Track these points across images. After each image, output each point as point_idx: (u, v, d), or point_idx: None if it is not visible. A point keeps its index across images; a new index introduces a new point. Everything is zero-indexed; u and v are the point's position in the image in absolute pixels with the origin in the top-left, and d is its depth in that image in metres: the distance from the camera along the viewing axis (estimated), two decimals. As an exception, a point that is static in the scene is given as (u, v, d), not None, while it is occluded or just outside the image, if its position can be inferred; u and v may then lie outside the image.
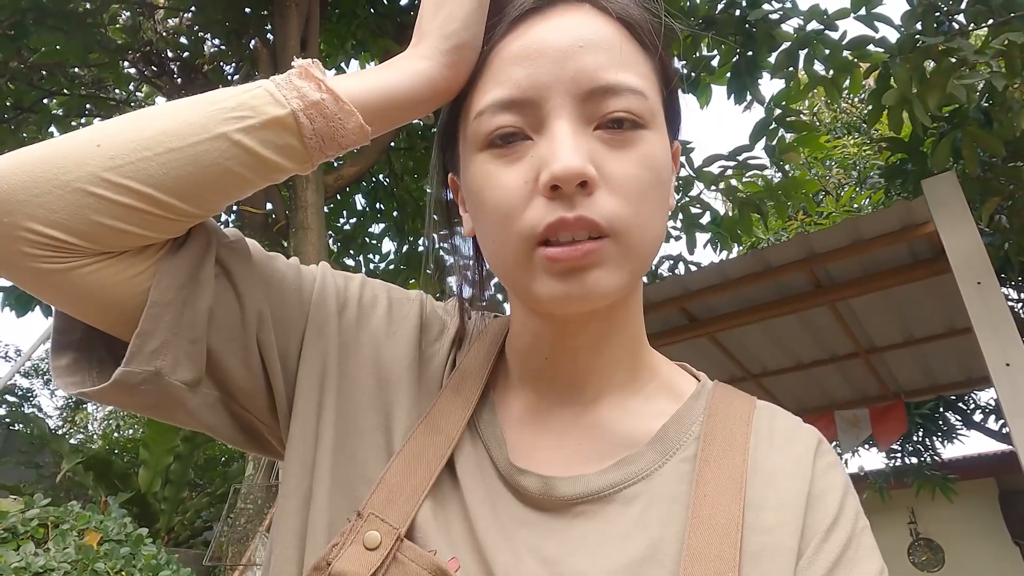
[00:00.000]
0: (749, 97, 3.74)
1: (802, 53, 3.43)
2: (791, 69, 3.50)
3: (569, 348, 0.51)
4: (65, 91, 4.66)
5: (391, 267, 5.42)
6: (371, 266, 5.53)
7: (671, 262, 4.72)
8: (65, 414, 12.11)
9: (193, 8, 4.47)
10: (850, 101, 7.43)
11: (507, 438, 0.51)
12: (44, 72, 4.48)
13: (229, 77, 4.70)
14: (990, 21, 2.80)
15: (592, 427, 0.51)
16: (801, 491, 0.46)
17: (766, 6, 3.50)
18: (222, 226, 0.51)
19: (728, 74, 3.78)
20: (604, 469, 0.48)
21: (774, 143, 3.91)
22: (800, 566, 0.43)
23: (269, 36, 3.99)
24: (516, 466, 0.48)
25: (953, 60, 2.61)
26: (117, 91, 5.12)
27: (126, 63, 4.65)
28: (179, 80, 4.69)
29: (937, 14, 2.91)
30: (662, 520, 0.45)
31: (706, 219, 4.41)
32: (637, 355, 0.54)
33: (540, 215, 0.43)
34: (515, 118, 0.45)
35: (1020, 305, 5.89)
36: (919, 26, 2.86)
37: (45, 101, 4.63)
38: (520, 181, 0.44)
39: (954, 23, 2.98)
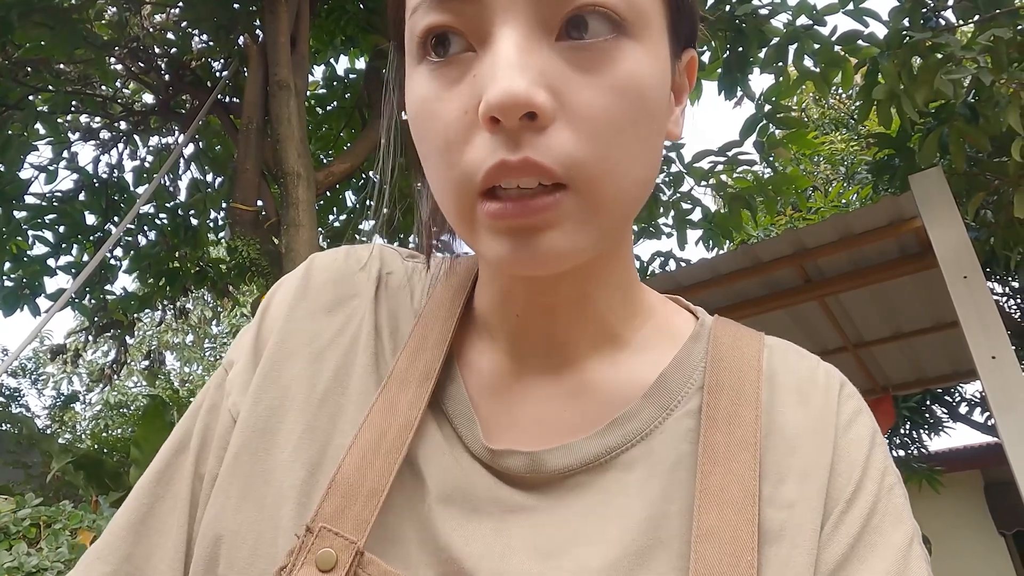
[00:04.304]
0: (739, 93, 3.76)
1: (791, 48, 3.45)
2: (780, 64, 3.52)
3: (544, 306, 0.42)
4: (51, 88, 4.61)
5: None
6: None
7: (662, 259, 4.74)
8: (53, 413, 12.02)
9: (181, 4, 4.43)
10: (838, 97, 7.47)
11: (479, 413, 0.43)
12: (29, 68, 4.43)
13: (217, 74, 4.67)
14: (976, 17, 2.83)
15: (577, 389, 0.43)
16: (825, 455, 0.40)
17: (755, 1, 3.52)
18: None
19: (719, 70, 3.80)
20: (597, 432, 0.41)
21: (764, 139, 3.93)
22: (819, 544, 0.37)
23: (258, 32, 3.97)
24: (492, 449, 0.40)
25: (940, 56, 2.64)
26: (104, 88, 5.07)
27: (113, 59, 4.60)
28: (167, 77, 4.65)
29: (924, 10, 2.93)
30: (666, 490, 0.39)
31: (697, 215, 4.43)
32: (626, 303, 0.45)
33: (481, 157, 0.33)
34: (452, 18, 0.34)
35: (1006, 299, 5.96)
36: (907, 22, 2.88)
37: (31, 98, 4.58)
38: (459, 110, 0.34)
39: (941, 19, 3.01)
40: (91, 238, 5.07)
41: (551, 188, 0.33)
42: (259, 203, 3.64)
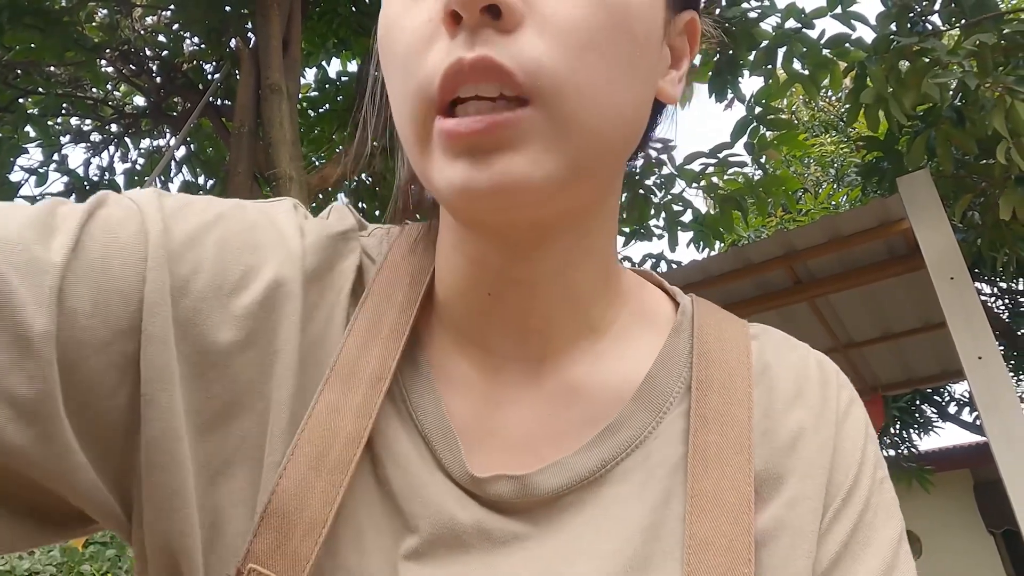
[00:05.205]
0: (730, 95, 3.79)
1: (780, 51, 3.48)
2: (769, 67, 3.55)
3: (521, 281, 0.37)
4: (41, 90, 4.58)
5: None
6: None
7: (653, 260, 4.76)
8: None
9: (172, 6, 4.42)
10: (827, 100, 7.53)
11: (454, 427, 0.37)
12: (19, 71, 4.41)
13: (209, 77, 4.66)
14: (962, 22, 2.86)
15: (560, 392, 0.39)
16: (826, 454, 0.38)
17: (744, 4, 3.54)
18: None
19: (709, 73, 3.82)
20: (587, 445, 0.37)
21: (754, 141, 3.96)
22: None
23: (250, 35, 3.96)
24: (478, 477, 0.36)
25: (927, 60, 2.67)
26: (95, 90, 5.05)
27: (103, 62, 4.58)
28: (158, 79, 4.64)
29: (911, 15, 2.97)
30: (665, 496, 0.36)
31: (688, 217, 4.45)
32: (606, 282, 0.40)
33: (439, 60, 0.30)
34: None
35: (993, 300, 6.02)
36: (894, 26, 2.91)
37: (21, 100, 4.56)
38: (423, 19, 0.32)
39: (927, 24, 3.05)
40: (82, 241, 5.03)
41: (514, 104, 0.30)
42: (251, 206, 3.63)
